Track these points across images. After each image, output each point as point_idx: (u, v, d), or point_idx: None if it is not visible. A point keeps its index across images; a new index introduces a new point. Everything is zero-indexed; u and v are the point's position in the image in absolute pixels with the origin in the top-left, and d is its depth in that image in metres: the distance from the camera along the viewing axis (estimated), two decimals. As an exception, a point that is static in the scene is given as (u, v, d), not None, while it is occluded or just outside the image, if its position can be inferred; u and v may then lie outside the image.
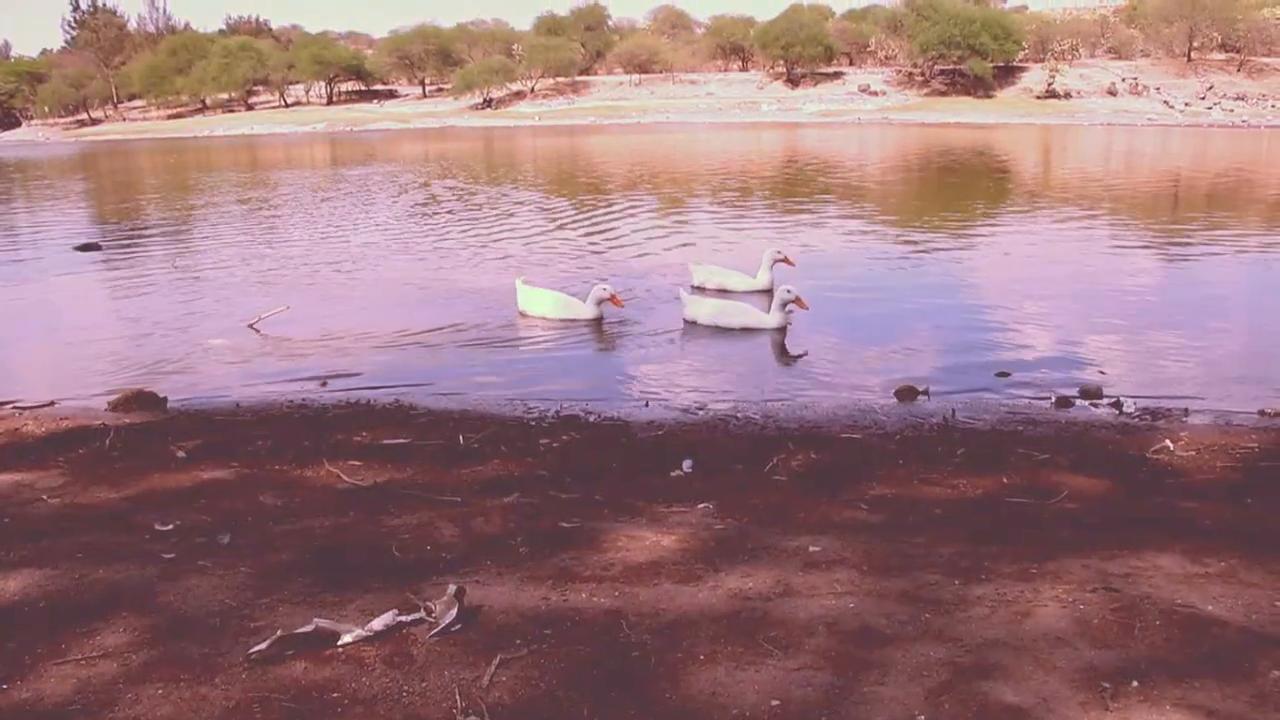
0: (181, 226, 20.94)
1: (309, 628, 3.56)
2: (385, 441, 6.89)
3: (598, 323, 10.91)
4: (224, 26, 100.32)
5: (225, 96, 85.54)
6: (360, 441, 6.93)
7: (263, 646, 3.48)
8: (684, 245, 16.35)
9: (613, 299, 10.81)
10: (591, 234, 17.98)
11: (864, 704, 3.20)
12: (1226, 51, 73.81)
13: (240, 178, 32.46)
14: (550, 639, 3.63)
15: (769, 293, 12.04)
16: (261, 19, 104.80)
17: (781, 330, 10.39)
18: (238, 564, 4.35)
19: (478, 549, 4.60)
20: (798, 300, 10.31)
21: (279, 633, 3.54)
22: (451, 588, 3.79)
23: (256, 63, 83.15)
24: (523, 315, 11.30)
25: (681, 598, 3.99)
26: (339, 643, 3.55)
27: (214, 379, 9.14)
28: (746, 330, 10.48)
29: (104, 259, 16.47)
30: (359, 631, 3.61)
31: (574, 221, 19.90)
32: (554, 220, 20.18)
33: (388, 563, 4.41)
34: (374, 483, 5.89)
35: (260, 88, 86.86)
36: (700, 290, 12.25)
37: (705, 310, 10.76)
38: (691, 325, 10.70)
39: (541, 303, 11.37)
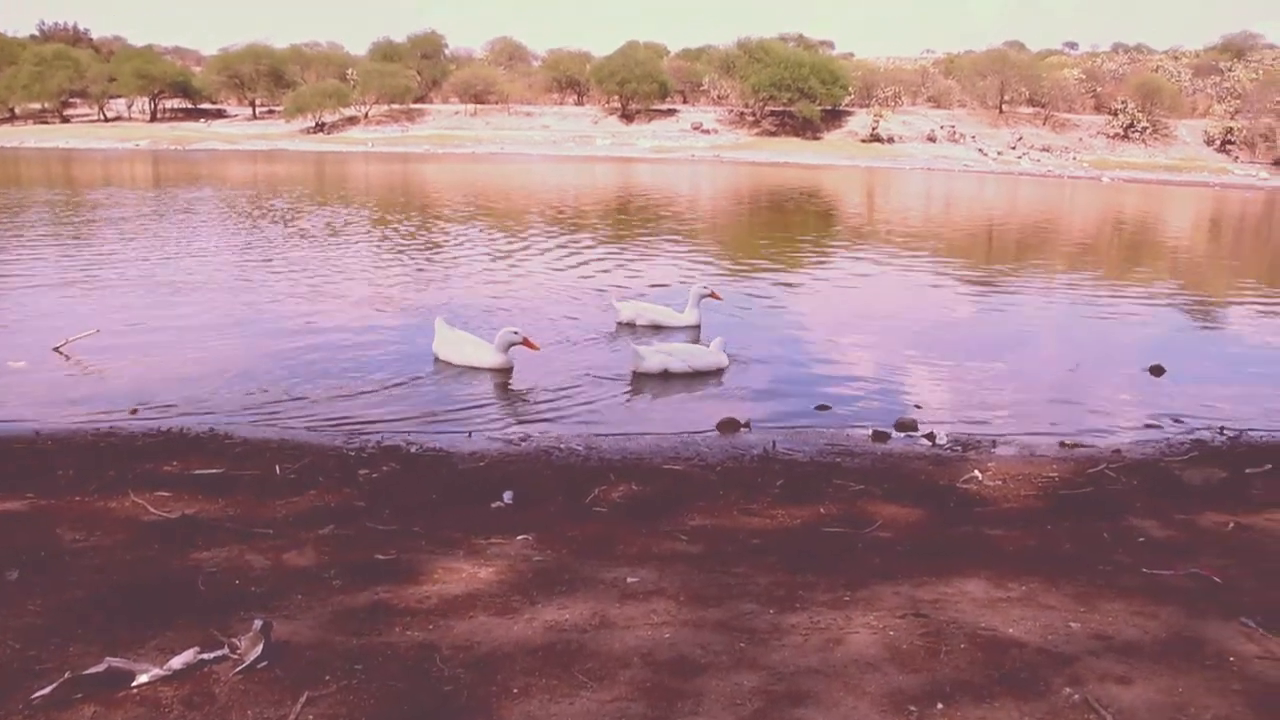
0: (-17, 243, 19.75)
1: (100, 668, 3.38)
2: (197, 472, 6.62)
3: (506, 372, 10.01)
4: (37, 32, 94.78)
5: (37, 106, 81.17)
6: (170, 472, 6.65)
7: (48, 690, 3.28)
8: (524, 278, 16.34)
9: (525, 342, 9.86)
10: (431, 264, 17.79)
11: (676, 734, 3.22)
12: (1034, 106, 78.39)
13: (51, 193, 30.87)
14: (361, 674, 3.54)
15: (697, 328, 12.28)
16: (80, 27, 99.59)
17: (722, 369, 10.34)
18: (26, 602, 4.10)
19: (289, 583, 4.46)
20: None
21: (67, 674, 3.36)
22: (258, 623, 3.66)
23: (73, 73, 79.00)
24: (438, 361, 10.39)
25: (497, 630, 3.95)
26: (134, 683, 3.38)
27: (13, 405, 8.61)
28: (699, 374, 10.12)
29: (-107, 276, 15.41)
30: (156, 671, 3.44)
31: (415, 250, 19.64)
32: (389, 247, 19.86)
33: (193, 598, 4.23)
34: (183, 514, 5.64)
35: (77, 100, 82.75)
36: (630, 326, 12.26)
37: (667, 359, 10.05)
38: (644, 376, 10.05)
39: (449, 346, 10.36)
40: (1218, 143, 72.46)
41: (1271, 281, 20.09)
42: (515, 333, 9.94)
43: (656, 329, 12.17)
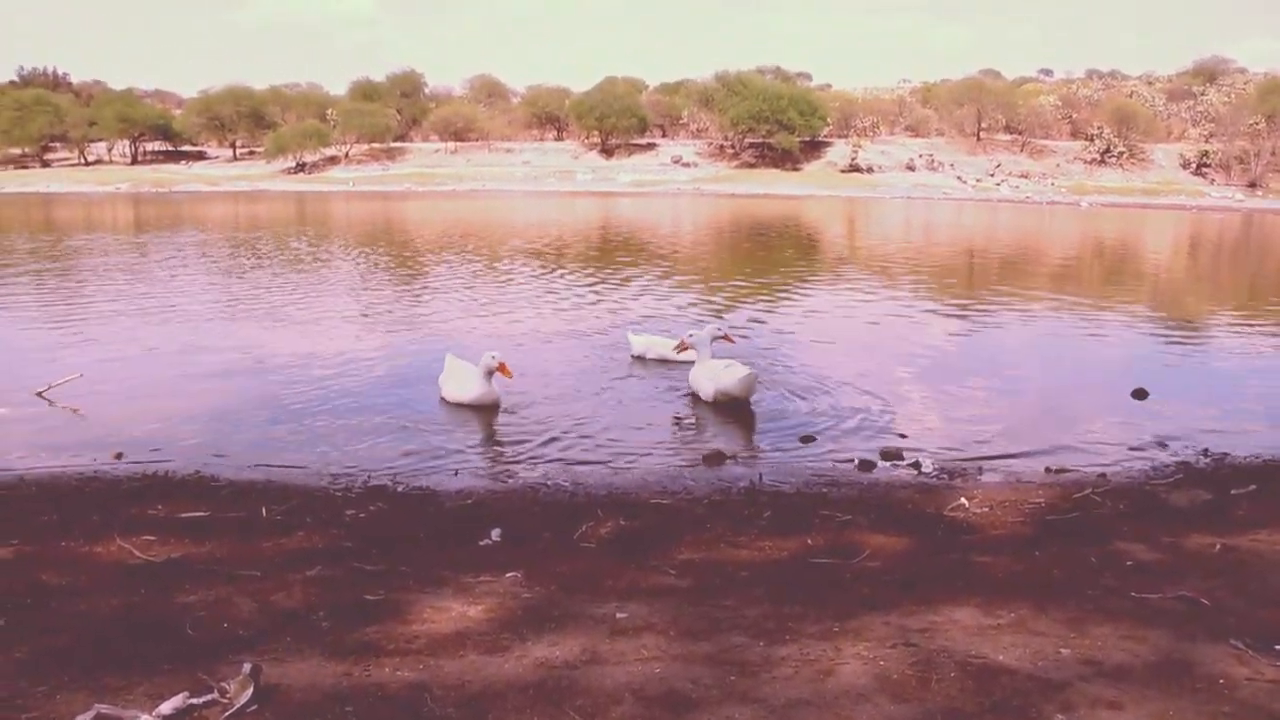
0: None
1: (89, 715, 3.36)
2: (183, 515, 6.59)
3: (492, 408, 9.88)
4: (16, 77, 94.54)
5: (17, 151, 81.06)
6: (156, 515, 6.61)
7: (36, 738, 3.26)
8: (501, 318, 16.34)
9: (501, 368, 9.63)
10: (419, 304, 17.78)
11: (668, 769, 3.21)
12: (1010, 133, 79.07)
13: (33, 238, 30.78)
14: (351, 716, 3.52)
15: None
16: (60, 71, 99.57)
17: None
18: (10, 649, 4.07)
19: (277, 625, 4.44)
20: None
21: (55, 723, 3.33)
22: (247, 666, 3.64)
23: (53, 117, 79.05)
24: (444, 402, 10.27)
25: (488, 669, 3.94)
26: (122, 730, 3.36)
27: (-4, 451, 8.57)
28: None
29: (-125, 323, 15.31)
30: (145, 717, 3.42)
31: (401, 289, 19.64)
32: (374, 287, 19.87)
33: (180, 642, 4.21)
34: (169, 558, 5.62)
35: (58, 144, 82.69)
36: (641, 359, 12.41)
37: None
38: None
39: (446, 381, 10.25)
40: (1193, 166, 73.15)
41: (1251, 302, 20.25)
42: (494, 357, 9.74)
43: (666, 362, 12.20)
